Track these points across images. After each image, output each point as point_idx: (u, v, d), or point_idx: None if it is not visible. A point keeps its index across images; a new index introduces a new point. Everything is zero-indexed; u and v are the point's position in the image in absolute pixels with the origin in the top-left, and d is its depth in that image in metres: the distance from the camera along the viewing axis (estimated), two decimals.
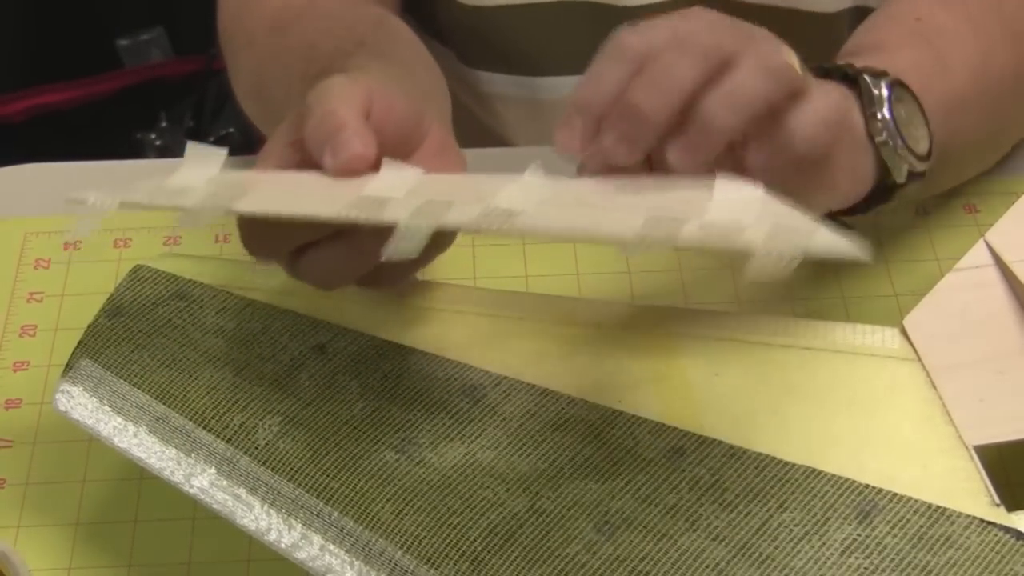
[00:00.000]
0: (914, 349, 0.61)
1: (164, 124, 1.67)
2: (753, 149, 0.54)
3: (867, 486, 0.54)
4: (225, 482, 0.58)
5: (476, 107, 0.96)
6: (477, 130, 0.98)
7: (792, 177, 0.55)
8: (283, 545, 0.56)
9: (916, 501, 0.54)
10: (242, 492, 0.58)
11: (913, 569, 0.52)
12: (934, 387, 0.60)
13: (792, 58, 0.55)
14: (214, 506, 0.58)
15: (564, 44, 0.90)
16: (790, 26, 0.86)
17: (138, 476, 0.66)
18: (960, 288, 0.63)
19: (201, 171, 0.56)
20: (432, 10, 0.92)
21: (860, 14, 0.85)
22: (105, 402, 0.62)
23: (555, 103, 0.92)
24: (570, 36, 0.89)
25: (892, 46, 0.68)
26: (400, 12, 0.85)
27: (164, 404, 0.61)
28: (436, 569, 0.54)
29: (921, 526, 0.53)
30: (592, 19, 0.87)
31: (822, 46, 0.84)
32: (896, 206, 0.64)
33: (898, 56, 0.66)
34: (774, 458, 0.56)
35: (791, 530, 0.54)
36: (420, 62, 0.73)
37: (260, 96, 0.75)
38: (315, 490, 0.57)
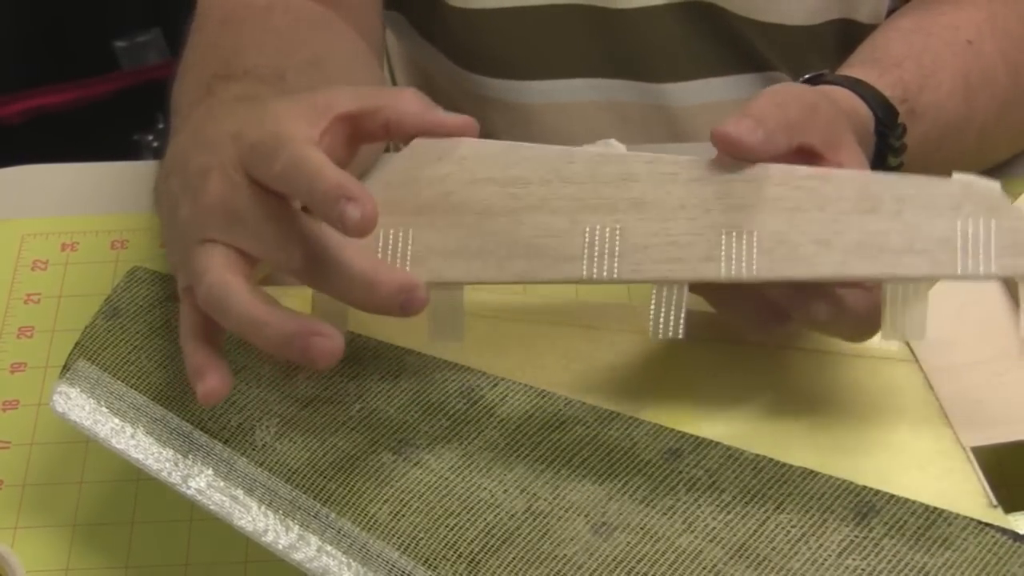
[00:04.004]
0: (911, 350, 0.61)
1: (161, 126, 1.67)
2: None
3: (864, 487, 0.54)
4: (222, 483, 0.58)
5: (468, 110, 0.95)
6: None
7: None
8: (280, 546, 0.56)
9: (913, 503, 0.54)
10: (239, 493, 0.58)
11: (910, 571, 0.52)
12: (931, 388, 0.60)
13: None
14: (211, 507, 0.58)
15: (554, 48, 0.89)
16: (774, 39, 0.86)
17: (135, 477, 0.66)
18: (957, 290, 0.63)
19: None
20: (422, 11, 0.91)
21: (845, 26, 0.84)
22: (102, 403, 0.62)
23: (544, 108, 0.91)
24: (561, 40, 0.88)
25: (942, 68, 0.71)
26: (376, 41, 0.83)
27: (161, 405, 0.61)
28: (433, 570, 0.54)
29: (918, 527, 0.53)
30: (584, 22, 0.87)
31: (807, 58, 0.84)
32: None
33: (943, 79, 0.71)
34: (771, 459, 0.56)
35: (788, 531, 0.54)
36: None
37: (182, 78, 0.72)
38: (312, 491, 0.57)
